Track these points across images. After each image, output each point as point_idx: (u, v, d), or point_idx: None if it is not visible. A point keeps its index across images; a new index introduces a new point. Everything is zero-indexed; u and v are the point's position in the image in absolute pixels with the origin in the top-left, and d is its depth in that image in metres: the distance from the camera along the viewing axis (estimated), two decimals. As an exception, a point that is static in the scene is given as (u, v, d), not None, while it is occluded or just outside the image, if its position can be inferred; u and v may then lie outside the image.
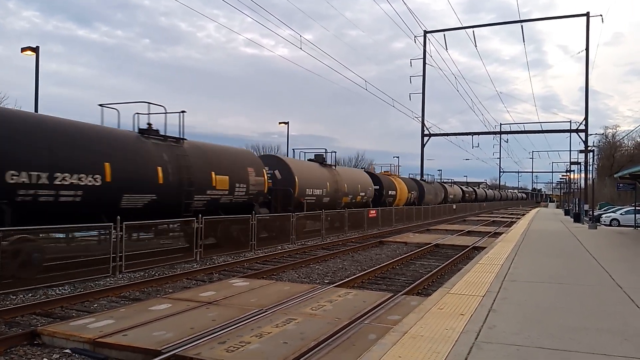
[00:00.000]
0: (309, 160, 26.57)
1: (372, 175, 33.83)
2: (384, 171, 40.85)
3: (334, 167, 27.20)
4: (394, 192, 35.73)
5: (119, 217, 12.05)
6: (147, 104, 14.77)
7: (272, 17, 43.25)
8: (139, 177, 13.50)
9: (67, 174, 11.43)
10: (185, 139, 15.91)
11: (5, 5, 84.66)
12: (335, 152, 28.04)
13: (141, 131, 14.72)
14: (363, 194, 29.54)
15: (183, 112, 15.40)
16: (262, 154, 46.37)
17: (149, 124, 14.86)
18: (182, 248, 15.17)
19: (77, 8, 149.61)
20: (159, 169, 14.14)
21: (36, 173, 10.77)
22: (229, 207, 17.31)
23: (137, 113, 14.89)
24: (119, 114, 14.70)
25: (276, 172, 21.81)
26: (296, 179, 21.89)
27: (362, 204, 29.39)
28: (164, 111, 15.07)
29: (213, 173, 16.36)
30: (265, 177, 19.70)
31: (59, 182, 11.28)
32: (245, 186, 18.04)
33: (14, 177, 10.38)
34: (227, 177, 17.02)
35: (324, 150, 26.99)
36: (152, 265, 13.01)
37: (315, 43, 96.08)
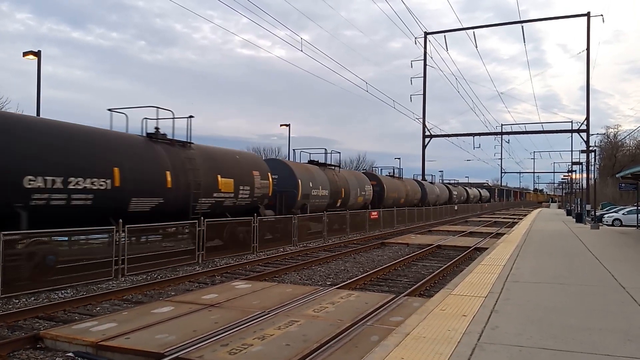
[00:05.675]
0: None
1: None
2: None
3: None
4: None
5: (121, 220, 12.07)
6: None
7: (268, 16, 43.16)
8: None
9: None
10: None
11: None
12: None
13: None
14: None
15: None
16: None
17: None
18: (184, 250, 15.17)
19: (70, 9, 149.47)
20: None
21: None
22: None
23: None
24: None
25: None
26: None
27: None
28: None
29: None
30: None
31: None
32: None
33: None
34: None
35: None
36: (154, 268, 13.03)
37: (312, 44, 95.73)
